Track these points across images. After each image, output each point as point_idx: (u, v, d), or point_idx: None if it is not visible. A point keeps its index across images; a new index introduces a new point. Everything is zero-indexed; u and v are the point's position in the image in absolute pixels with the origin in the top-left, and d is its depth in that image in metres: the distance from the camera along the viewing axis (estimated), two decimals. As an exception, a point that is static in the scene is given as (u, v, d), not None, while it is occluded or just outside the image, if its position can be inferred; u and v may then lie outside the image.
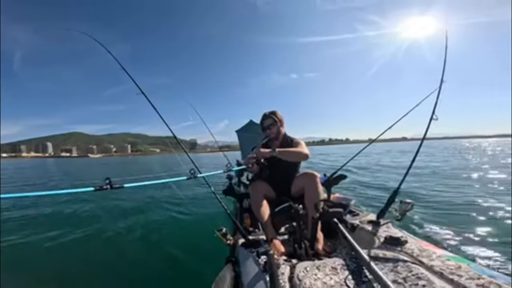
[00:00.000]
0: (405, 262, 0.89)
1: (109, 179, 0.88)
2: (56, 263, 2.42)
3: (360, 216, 1.66)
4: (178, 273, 2.10)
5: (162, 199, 5.41)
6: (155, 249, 2.65)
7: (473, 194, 4.20)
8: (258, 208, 1.63)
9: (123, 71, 1.80)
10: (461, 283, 0.76)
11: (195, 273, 2.02)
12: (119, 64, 1.72)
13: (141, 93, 1.79)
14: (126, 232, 3.21)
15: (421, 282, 0.76)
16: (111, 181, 0.88)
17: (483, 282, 0.74)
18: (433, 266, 0.87)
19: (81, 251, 2.72)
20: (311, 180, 1.63)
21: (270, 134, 1.91)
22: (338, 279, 0.86)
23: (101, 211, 4.42)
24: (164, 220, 3.72)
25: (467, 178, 6.12)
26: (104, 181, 0.87)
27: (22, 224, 3.71)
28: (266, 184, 1.80)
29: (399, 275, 0.82)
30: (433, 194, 4.41)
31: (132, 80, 1.72)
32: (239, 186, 3.18)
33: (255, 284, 0.94)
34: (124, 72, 1.80)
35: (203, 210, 4.07)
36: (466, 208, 3.39)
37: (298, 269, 0.95)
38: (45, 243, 2.87)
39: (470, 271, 0.81)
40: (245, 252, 1.23)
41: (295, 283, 0.87)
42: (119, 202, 5.22)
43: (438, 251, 1.01)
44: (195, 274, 2.01)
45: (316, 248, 1.31)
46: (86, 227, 3.45)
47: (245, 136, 4.20)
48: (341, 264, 0.95)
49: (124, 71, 1.74)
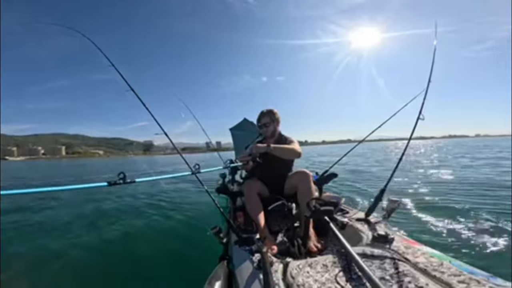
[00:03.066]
0: (391, 259, 0.93)
1: (123, 173, 0.92)
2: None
3: (350, 214, 1.71)
4: (171, 271, 2.10)
5: (155, 197, 5.35)
6: (148, 248, 2.62)
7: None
8: (252, 206, 1.65)
9: (112, 67, 1.75)
10: (444, 280, 0.80)
11: (188, 271, 2.02)
12: (109, 61, 1.67)
13: (130, 90, 1.75)
14: (118, 230, 3.17)
15: (407, 278, 0.80)
16: (125, 175, 0.92)
17: (464, 278, 0.79)
18: (418, 263, 0.92)
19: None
20: (304, 178, 1.66)
21: (266, 132, 1.93)
22: (329, 276, 0.89)
23: (84, 212, 4.32)
24: (156, 218, 3.69)
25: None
26: (118, 176, 0.92)
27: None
28: (259, 182, 1.82)
29: (386, 272, 0.86)
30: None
31: (122, 77, 1.68)
32: (233, 184, 3.19)
33: (248, 281, 0.96)
34: (113, 68, 1.75)
35: (197, 209, 4.06)
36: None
37: (291, 266, 0.98)
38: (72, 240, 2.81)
39: (451, 268, 0.86)
40: (238, 250, 1.24)
41: (288, 281, 0.90)
42: (108, 201, 5.13)
43: (422, 248, 1.06)
44: (188, 271, 2.01)
45: (308, 245, 1.34)
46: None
47: (239, 135, 4.20)
48: (332, 261, 0.98)
49: (113, 67, 1.69)
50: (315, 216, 1.26)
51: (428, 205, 3.55)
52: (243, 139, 3.69)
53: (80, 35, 1.75)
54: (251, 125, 3.94)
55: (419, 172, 7.08)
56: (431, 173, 6.78)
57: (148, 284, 1.95)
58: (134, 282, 1.98)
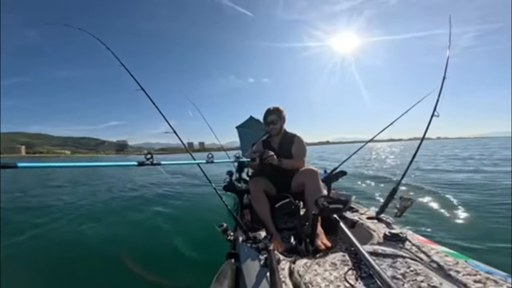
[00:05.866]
0: (403, 258, 0.90)
1: (151, 154, 1.00)
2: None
3: (360, 212, 1.67)
4: (179, 267, 2.13)
5: (163, 193, 5.46)
6: (155, 244, 2.67)
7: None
8: (259, 204, 1.65)
9: (122, 67, 1.80)
10: (459, 279, 0.77)
11: (196, 268, 2.05)
12: (119, 61, 1.70)
13: (140, 89, 1.79)
14: (126, 224, 3.26)
15: (419, 278, 0.77)
16: (152, 156, 1.00)
17: (480, 278, 0.76)
18: (431, 262, 0.88)
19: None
20: (311, 176, 1.64)
21: (272, 130, 1.92)
22: (338, 275, 0.87)
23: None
24: (164, 215, 3.76)
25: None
26: (145, 157, 1.00)
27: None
28: (266, 180, 1.81)
29: (398, 271, 0.83)
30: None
31: (132, 77, 1.71)
32: (240, 182, 3.20)
33: (255, 279, 0.96)
34: (123, 68, 1.79)
35: (204, 206, 4.11)
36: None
37: (298, 264, 0.96)
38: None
39: (467, 267, 0.82)
40: (245, 248, 1.24)
41: (295, 279, 0.88)
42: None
43: (436, 247, 1.02)
44: (196, 269, 2.04)
45: (316, 244, 1.32)
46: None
47: (245, 132, 4.21)
48: (340, 259, 0.96)
49: (123, 67, 1.73)
50: (324, 214, 1.24)
51: (444, 203, 3.44)
52: (250, 137, 3.70)
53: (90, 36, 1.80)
54: (257, 123, 3.94)
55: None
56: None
57: (157, 278, 1.98)
58: (142, 277, 2.02)
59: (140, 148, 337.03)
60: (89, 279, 2.04)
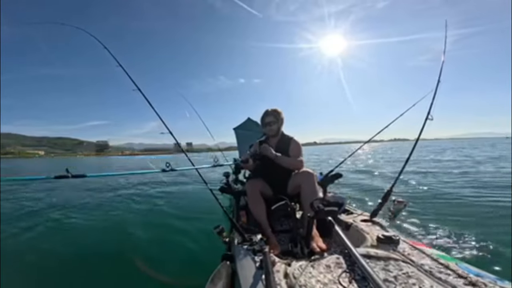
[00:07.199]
0: (396, 260, 0.92)
1: (169, 163, 1.16)
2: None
3: (354, 215, 1.69)
4: (173, 268, 2.11)
5: (158, 195, 5.42)
6: (150, 245, 2.65)
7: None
8: (255, 206, 1.65)
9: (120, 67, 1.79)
10: (449, 282, 0.79)
11: (191, 269, 2.04)
12: (116, 61, 1.70)
13: (137, 90, 1.78)
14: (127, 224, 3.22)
15: (411, 280, 0.79)
16: (170, 165, 1.15)
17: (470, 280, 0.78)
18: (423, 265, 0.90)
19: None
20: (307, 178, 1.65)
21: (270, 131, 1.92)
22: (332, 277, 0.88)
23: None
24: (160, 217, 3.73)
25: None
26: (165, 165, 1.16)
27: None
28: (263, 181, 1.82)
29: (390, 274, 0.85)
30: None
31: (129, 77, 1.71)
32: (236, 184, 3.20)
33: (250, 281, 0.96)
34: (121, 68, 1.78)
35: (200, 207, 4.09)
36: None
37: (293, 267, 0.97)
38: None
39: (458, 270, 0.84)
40: (241, 250, 1.24)
41: (290, 281, 0.89)
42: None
43: (428, 250, 1.04)
44: (191, 270, 2.03)
45: (311, 246, 1.33)
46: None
47: (242, 134, 4.22)
48: (335, 262, 0.97)
49: (121, 67, 1.72)
50: (319, 216, 1.25)
51: (434, 207, 3.49)
52: (247, 138, 3.70)
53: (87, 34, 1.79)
54: (255, 125, 3.95)
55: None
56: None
57: (151, 281, 1.97)
58: (138, 278, 2.00)
59: (120, 149, 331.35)
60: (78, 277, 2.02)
